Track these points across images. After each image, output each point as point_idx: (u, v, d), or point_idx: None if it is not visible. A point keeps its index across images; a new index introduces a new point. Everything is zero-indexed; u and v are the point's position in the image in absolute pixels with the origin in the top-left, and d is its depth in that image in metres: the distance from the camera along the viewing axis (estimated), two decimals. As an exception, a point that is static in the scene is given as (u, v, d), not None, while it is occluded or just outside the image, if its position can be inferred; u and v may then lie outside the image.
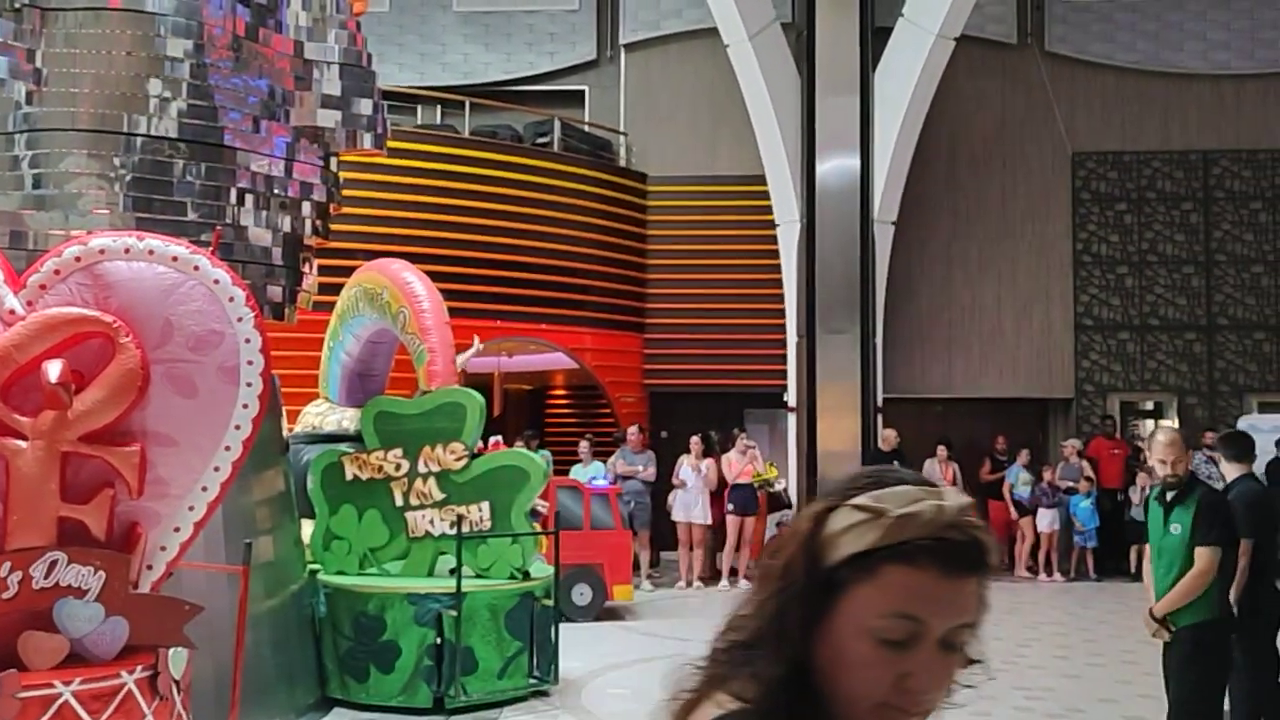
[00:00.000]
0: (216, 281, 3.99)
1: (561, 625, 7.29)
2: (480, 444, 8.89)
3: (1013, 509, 12.92)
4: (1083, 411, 14.11)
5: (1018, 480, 12.97)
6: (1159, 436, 5.25)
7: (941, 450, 12.88)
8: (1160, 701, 7.11)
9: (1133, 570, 12.63)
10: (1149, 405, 14.45)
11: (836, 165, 12.96)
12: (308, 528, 7.18)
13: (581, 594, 9.77)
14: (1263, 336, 14.07)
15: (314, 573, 6.98)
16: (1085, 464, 12.95)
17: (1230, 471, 6.23)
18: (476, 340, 9.46)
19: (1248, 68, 14.21)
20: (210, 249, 4.83)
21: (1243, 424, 12.95)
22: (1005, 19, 14.40)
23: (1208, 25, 14.28)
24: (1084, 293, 14.23)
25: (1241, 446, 6.11)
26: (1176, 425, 14.03)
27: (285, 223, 6.28)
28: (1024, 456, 13.05)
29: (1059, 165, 14.31)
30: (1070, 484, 12.76)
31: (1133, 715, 6.80)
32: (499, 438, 10.51)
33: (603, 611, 9.85)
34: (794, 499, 12.85)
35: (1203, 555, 4.93)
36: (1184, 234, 14.22)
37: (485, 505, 7.03)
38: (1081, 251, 14.27)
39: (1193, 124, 14.28)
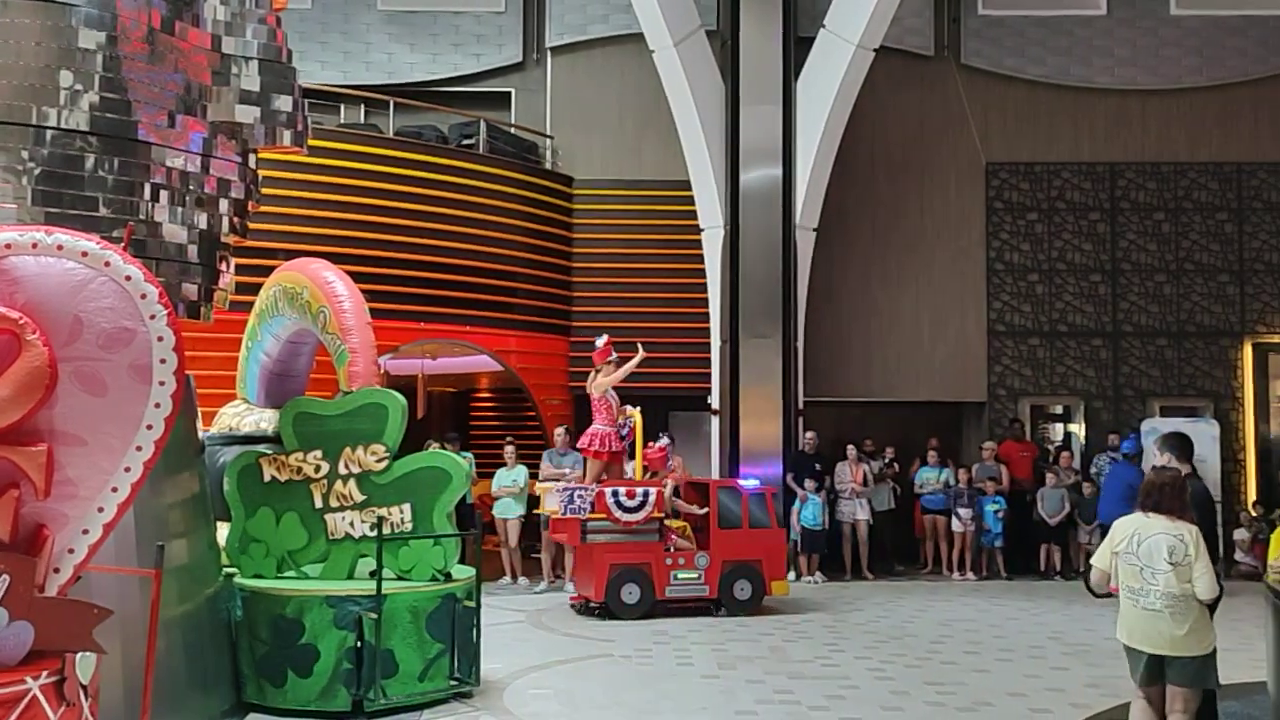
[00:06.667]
0: (128, 278, 3.92)
1: (482, 628, 7.27)
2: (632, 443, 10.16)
3: (921, 508, 13.27)
4: (995, 415, 14.50)
5: (925, 481, 13.29)
6: None
7: (851, 451, 13.14)
8: (1065, 694, 7.40)
9: (1042, 569, 13.05)
10: (1058, 409, 14.91)
11: (759, 172, 13.16)
12: (224, 530, 7.06)
13: (742, 589, 10.32)
14: (1164, 343, 14.63)
15: (230, 576, 6.87)
16: (1002, 467, 13.32)
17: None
18: (640, 349, 10.31)
19: (1152, 83, 14.77)
20: (122, 245, 4.74)
21: (1145, 427, 13.49)
22: (923, 31, 14.75)
23: (1114, 42, 14.81)
24: (996, 299, 14.64)
25: (1185, 446, 6.26)
26: (1083, 427, 14.54)
27: (201, 220, 6.18)
28: (933, 457, 13.38)
29: (973, 175, 14.70)
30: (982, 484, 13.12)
31: (1040, 707, 7.03)
32: (666, 440, 11.03)
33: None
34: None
35: None
36: (1091, 243, 14.72)
37: (407, 507, 6.99)
38: (994, 259, 14.67)
39: (1100, 136, 14.79)
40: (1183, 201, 14.72)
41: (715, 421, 13.40)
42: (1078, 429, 14.65)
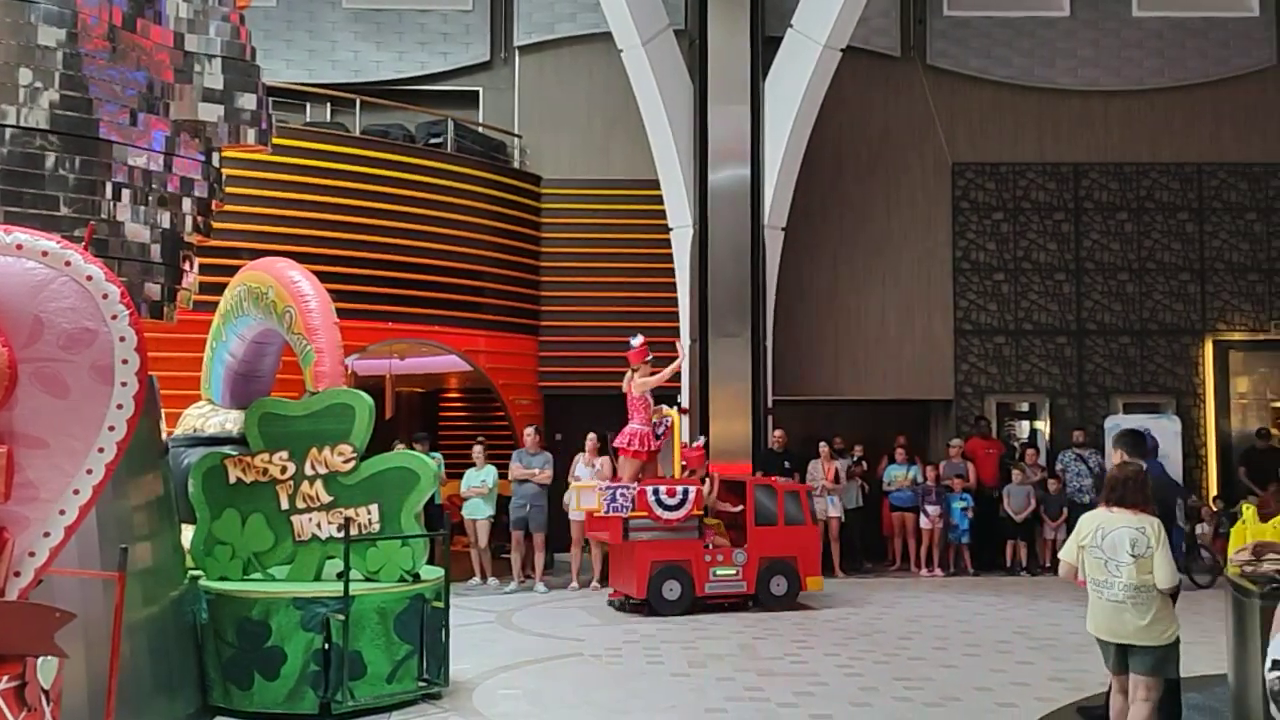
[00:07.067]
0: (89, 278, 3.87)
1: (451, 628, 7.25)
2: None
3: (889, 505, 13.38)
4: (961, 412, 14.64)
5: (893, 479, 13.40)
6: None
7: (824, 448, 13.22)
8: (1030, 688, 7.48)
9: (1008, 565, 13.19)
10: (1024, 406, 15.07)
11: (728, 172, 13.20)
12: (188, 533, 6.99)
13: (778, 584, 10.53)
14: (1128, 341, 14.83)
15: (195, 579, 6.80)
16: (969, 464, 13.45)
17: None
18: (684, 350, 10.53)
19: (1114, 84, 14.96)
20: (83, 244, 4.68)
21: (1108, 423, 13.67)
22: (889, 32, 14.86)
23: (1077, 43, 14.99)
24: (963, 298, 14.77)
25: (1138, 442, 6.47)
26: (1048, 424, 14.72)
27: (164, 219, 6.11)
28: (900, 455, 13.49)
29: (940, 175, 14.83)
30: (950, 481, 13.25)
31: (1005, 701, 7.10)
32: (702, 439, 11.38)
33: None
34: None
35: None
36: (1056, 242, 14.89)
37: (374, 508, 6.96)
38: (961, 259, 14.80)
39: (1064, 137, 14.97)
40: (1145, 201, 14.92)
41: (685, 421, 13.42)
42: (1043, 426, 14.82)
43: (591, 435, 12.07)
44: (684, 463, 10.79)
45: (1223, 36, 14.99)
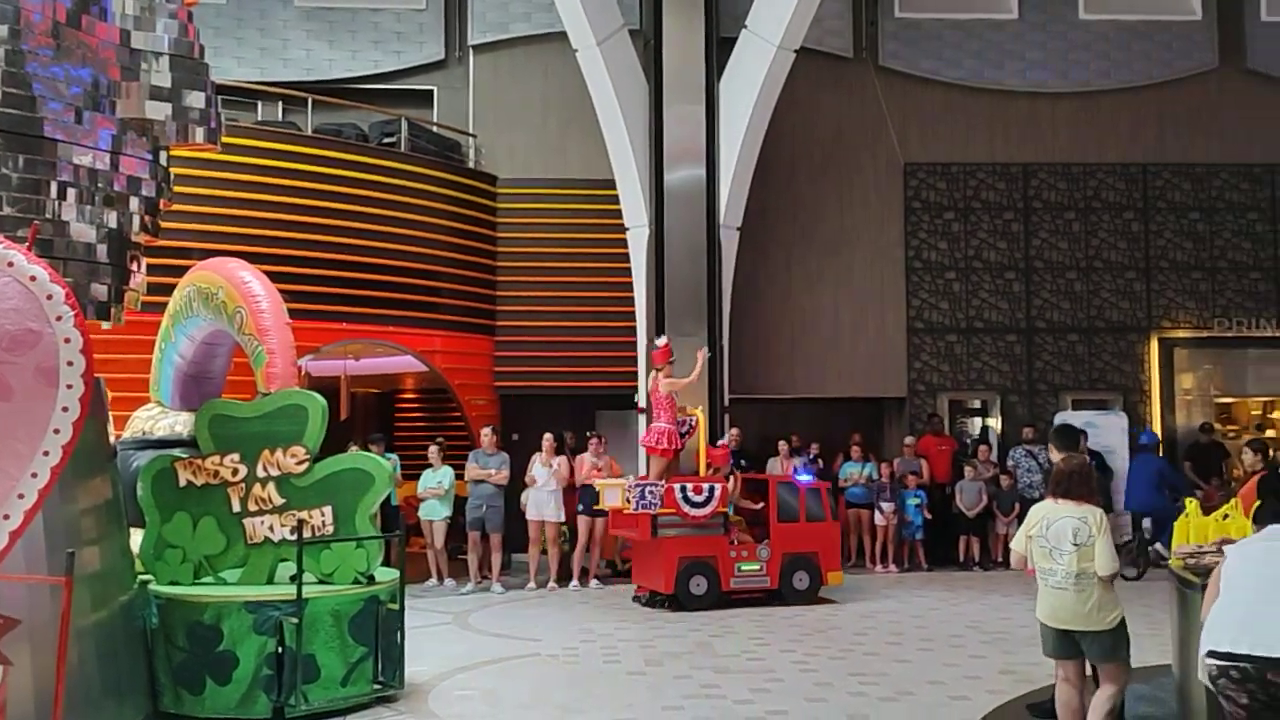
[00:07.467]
0: (33, 278, 3.83)
1: (407, 630, 7.21)
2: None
3: (841, 502, 13.50)
4: (915, 410, 14.81)
5: (848, 476, 13.52)
6: None
7: (783, 446, 13.31)
8: (981, 681, 7.60)
9: (961, 560, 13.37)
10: (976, 403, 15.28)
11: (683, 172, 13.24)
12: (138, 536, 6.89)
13: (800, 579, 10.76)
14: (1076, 338, 15.09)
15: (145, 583, 6.71)
16: (923, 461, 13.61)
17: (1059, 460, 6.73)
18: (703, 354, 10.89)
19: (1062, 86, 15.22)
20: (26, 245, 4.61)
21: (1058, 420, 13.91)
22: (842, 33, 14.99)
23: (1025, 46, 15.23)
24: (915, 297, 14.95)
25: (1069, 437, 6.69)
26: (999, 421, 14.94)
27: (111, 219, 6.02)
28: (856, 452, 13.62)
29: (892, 175, 14.99)
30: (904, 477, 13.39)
31: (958, 695, 7.20)
32: (729, 438, 11.58)
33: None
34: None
35: None
36: (1006, 241, 15.11)
37: (328, 509, 6.90)
38: (913, 258, 14.98)
39: (1014, 138, 15.20)
40: (1092, 201, 15.19)
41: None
42: (994, 423, 15.04)
43: (548, 435, 12.06)
44: (709, 462, 10.99)
45: (1166, 39, 15.30)
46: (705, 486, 10.63)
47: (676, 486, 10.54)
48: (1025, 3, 15.22)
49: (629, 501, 10.49)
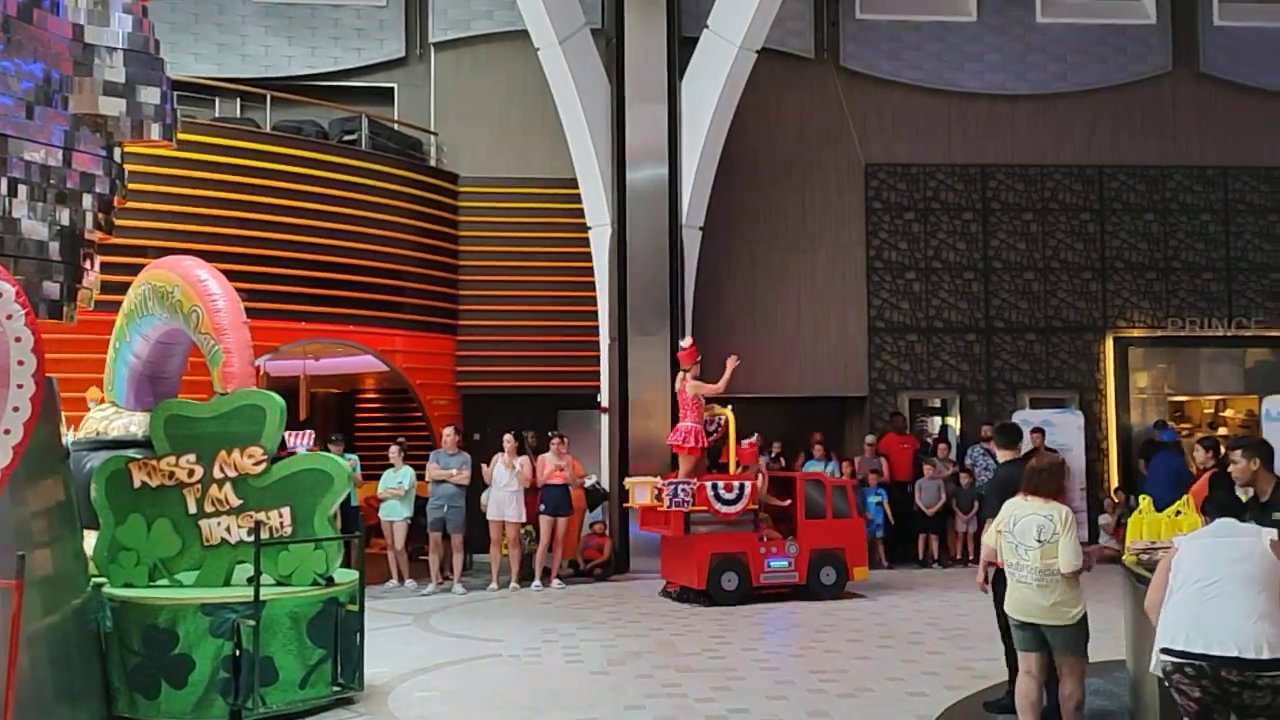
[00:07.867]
0: (-19, 276, 3.75)
1: (366, 631, 7.16)
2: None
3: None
4: (876, 409, 14.92)
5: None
6: None
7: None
8: (939, 677, 7.68)
9: (920, 557, 13.50)
10: (936, 402, 15.43)
11: (646, 171, 13.26)
12: (91, 539, 6.79)
13: (827, 575, 10.99)
14: (1033, 338, 15.28)
15: (99, 586, 6.61)
16: (884, 460, 13.71)
17: (1001, 457, 7.00)
18: (733, 361, 10.90)
19: (1020, 89, 15.40)
20: (-24, 242, 4.52)
21: (1016, 418, 14.07)
22: (804, 34, 15.07)
23: (984, 48, 15.39)
24: (876, 297, 15.06)
25: (1010, 435, 7.01)
26: (959, 420, 15.10)
27: (63, 216, 5.93)
28: (818, 451, 13.71)
29: (853, 175, 15.10)
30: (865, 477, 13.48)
31: (916, 691, 7.27)
32: (752, 440, 11.48)
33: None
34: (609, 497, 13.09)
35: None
36: (965, 242, 15.27)
37: (286, 511, 6.84)
38: (874, 258, 15.09)
39: (972, 139, 15.36)
40: (1049, 202, 15.39)
41: (604, 419, 13.45)
42: (954, 422, 15.19)
43: (509, 436, 12.02)
44: (737, 460, 11.09)
45: (1121, 43, 15.54)
46: (736, 484, 10.80)
47: (709, 484, 10.72)
48: (984, 6, 15.38)
49: (662, 499, 10.66)
